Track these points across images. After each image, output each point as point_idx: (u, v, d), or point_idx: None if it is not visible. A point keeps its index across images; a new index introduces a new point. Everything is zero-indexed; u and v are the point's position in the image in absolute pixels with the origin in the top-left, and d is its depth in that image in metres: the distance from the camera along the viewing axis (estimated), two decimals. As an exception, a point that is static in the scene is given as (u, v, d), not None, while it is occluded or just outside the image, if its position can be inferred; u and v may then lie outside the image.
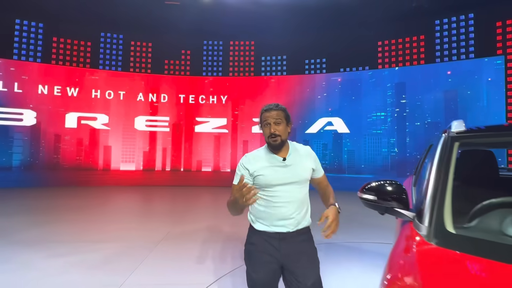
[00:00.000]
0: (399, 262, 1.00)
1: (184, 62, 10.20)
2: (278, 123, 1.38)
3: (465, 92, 7.94)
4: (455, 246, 0.90)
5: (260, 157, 1.43)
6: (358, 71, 9.19)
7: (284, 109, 1.43)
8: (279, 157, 1.41)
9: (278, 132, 1.37)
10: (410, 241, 1.08)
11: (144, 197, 7.66)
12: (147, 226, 4.50)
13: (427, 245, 0.95)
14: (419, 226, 1.10)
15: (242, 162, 1.45)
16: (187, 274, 2.81)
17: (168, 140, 10.01)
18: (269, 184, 1.38)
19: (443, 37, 8.25)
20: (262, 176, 1.38)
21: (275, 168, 1.39)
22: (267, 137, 1.40)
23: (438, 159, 1.32)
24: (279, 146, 1.39)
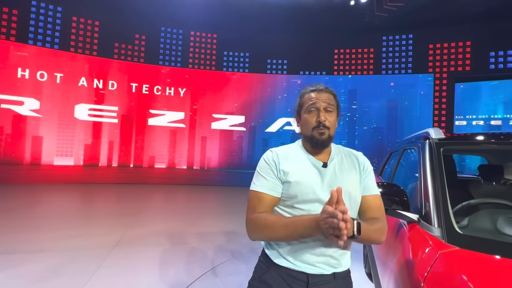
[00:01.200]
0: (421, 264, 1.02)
1: (138, 48, 9.27)
2: (330, 110, 0.99)
3: (404, 102, 9.11)
4: (477, 248, 0.97)
5: (293, 157, 1.02)
6: (316, 75, 9.70)
7: (336, 94, 1.05)
8: (317, 161, 1.00)
9: (328, 123, 0.97)
10: (425, 242, 1.13)
11: (85, 196, 6.71)
12: (93, 232, 3.93)
13: (448, 248, 1.00)
14: (429, 228, 1.16)
15: (268, 157, 1.02)
16: (152, 283, 2.54)
17: (116, 132, 8.99)
18: (301, 198, 0.95)
19: (388, 52, 9.30)
20: (292, 184, 0.95)
21: (313, 176, 0.97)
22: (311, 128, 0.98)
23: (430, 164, 1.43)
24: (325, 143, 0.99)
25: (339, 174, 0.99)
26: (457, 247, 0.98)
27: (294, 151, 1.04)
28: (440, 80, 8.82)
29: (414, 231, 1.25)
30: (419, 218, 1.27)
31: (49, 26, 8.40)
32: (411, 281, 1.01)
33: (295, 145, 1.08)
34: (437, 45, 8.82)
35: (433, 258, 0.98)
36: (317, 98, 1.00)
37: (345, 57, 9.57)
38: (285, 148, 1.06)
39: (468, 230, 1.23)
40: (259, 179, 1.00)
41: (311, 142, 1.00)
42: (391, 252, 1.50)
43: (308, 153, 1.03)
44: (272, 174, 0.99)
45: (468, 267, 0.89)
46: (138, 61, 9.27)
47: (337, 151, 1.07)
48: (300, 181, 0.95)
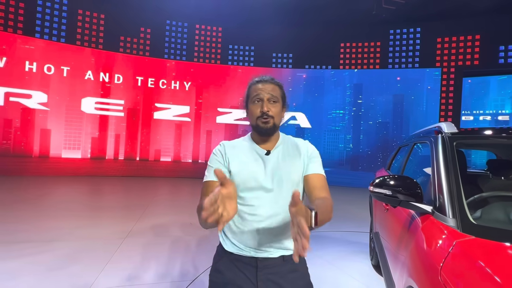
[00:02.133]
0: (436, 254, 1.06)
1: (143, 41, 9.27)
2: (274, 101, 1.02)
3: (410, 97, 9.03)
4: (495, 236, 1.00)
5: (241, 148, 1.07)
6: (321, 69, 9.64)
7: (281, 85, 1.08)
8: (262, 149, 1.05)
9: (271, 113, 1.01)
10: (440, 233, 1.16)
11: (92, 188, 6.84)
12: (103, 222, 4.02)
13: (464, 237, 1.03)
14: (444, 218, 1.19)
15: (216, 149, 1.08)
16: (163, 272, 2.62)
17: (123, 126, 9.07)
18: (244, 186, 0.99)
19: (395, 45, 9.18)
20: (235, 173, 1.00)
21: (255, 164, 1.02)
22: (255, 118, 1.02)
23: (444, 157, 1.45)
24: (270, 132, 1.02)
25: (282, 162, 1.03)
26: (473, 236, 1.00)
27: (242, 142, 1.10)
28: (447, 74, 8.72)
29: (428, 222, 1.28)
30: (433, 209, 1.30)
31: (55, 19, 8.42)
32: (428, 270, 1.04)
33: (245, 137, 1.13)
34: (445, 38, 8.69)
35: (449, 247, 1.00)
36: (262, 89, 1.03)
37: (351, 50, 9.48)
38: (234, 140, 1.12)
39: (481, 221, 1.25)
40: (209, 170, 1.04)
41: (257, 131, 1.04)
42: (403, 244, 1.54)
43: (255, 142, 1.08)
44: (218, 163, 1.04)
45: (485, 254, 0.91)
46: (144, 54, 9.28)
47: (284, 140, 1.11)
48: (242, 169, 1.01)
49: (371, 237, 3.24)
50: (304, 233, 0.62)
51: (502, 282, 0.76)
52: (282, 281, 0.98)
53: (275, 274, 0.98)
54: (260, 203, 0.99)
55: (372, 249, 3.10)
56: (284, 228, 0.99)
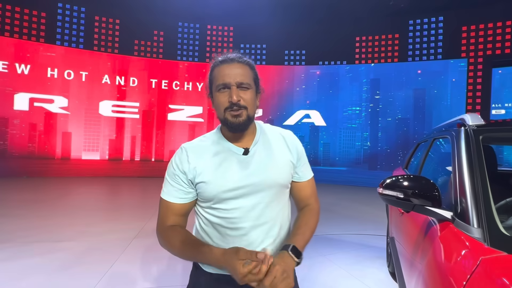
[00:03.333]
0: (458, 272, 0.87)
1: (156, 44, 9.43)
2: (245, 87, 0.82)
3: (432, 91, 8.48)
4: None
5: (206, 149, 0.86)
6: (336, 65, 9.31)
7: (252, 65, 0.87)
8: (238, 148, 0.86)
9: (243, 102, 0.81)
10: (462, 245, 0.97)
11: (110, 189, 7.04)
12: (116, 222, 4.07)
13: (493, 253, 0.82)
14: (467, 228, 0.99)
15: (175, 158, 0.88)
16: (168, 273, 2.56)
17: (138, 127, 9.29)
18: (220, 197, 0.81)
19: (416, 37, 8.66)
20: (207, 184, 0.82)
21: (231, 167, 0.83)
22: (222, 110, 0.82)
23: (467, 154, 1.23)
24: (243, 126, 0.82)
25: (265, 162, 0.85)
26: (504, 253, 0.80)
27: (209, 141, 0.88)
28: (474, 65, 8.08)
29: (447, 231, 1.07)
30: (454, 216, 1.08)
31: (74, 27, 8.77)
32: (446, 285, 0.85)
33: (213, 133, 0.91)
34: (471, 27, 8.06)
35: (473, 265, 0.80)
36: (227, 72, 0.81)
37: (367, 44, 9.07)
38: (198, 140, 0.91)
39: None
40: (166, 185, 0.88)
41: (227, 126, 0.84)
42: (419, 252, 1.34)
43: (227, 139, 0.87)
44: (178, 179, 0.85)
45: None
46: (157, 57, 9.44)
47: (263, 132, 0.91)
48: (215, 178, 0.81)
49: (388, 242, 3.00)
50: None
51: None
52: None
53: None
54: (241, 214, 0.82)
55: (389, 255, 2.87)
56: (269, 239, 0.84)
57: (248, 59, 0.87)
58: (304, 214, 0.93)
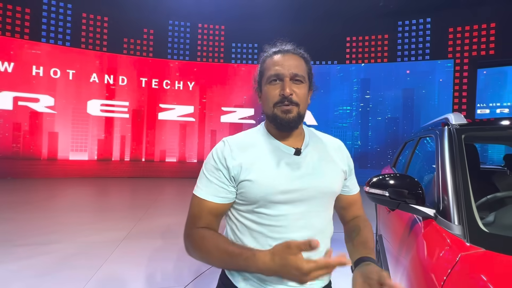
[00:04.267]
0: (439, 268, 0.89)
1: (146, 42, 9.28)
2: (299, 80, 0.76)
3: (421, 91, 8.66)
4: (507, 250, 0.81)
5: (252, 145, 0.78)
6: (327, 64, 9.39)
7: (308, 59, 0.82)
8: (288, 147, 0.78)
9: (296, 97, 0.74)
10: (443, 242, 0.99)
11: (99, 189, 6.89)
12: (105, 223, 3.99)
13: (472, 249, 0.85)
14: (448, 225, 1.02)
15: (217, 151, 0.78)
16: (157, 275, 2.52)
17: (128, 127, 9.12)
18: (264, 200, 0.72)
19: (404, 38, 8.82)
20: (253, 183, 0.72)
21: (282, 168, 0.74)
22: (272, 104, 0.76)
23: (449, 152, 1.27)
24: (292, 124, 0.75)
25: (318, 166, 0.77)
26: (482, 249, 0.83)
27: (255, 137, 0.80)
28: (460, 66, 8.30)
29: (430, 228, 1.10)
30: (436, 213, 1.12)
31: (60, 24, 8.53)
32: (427, 281, 0.88)
33: (258, 129, 0.83)
34: (457, 28, 8.27)
35: (452, 261, 0.83)
36: (281, 64, 0.75)
37: (358, 44, 9.18)
38: (243, 135, 0.82)
39: (495, 228, 1.07)
40: (202, 180, 0.77)
41: (275, 123, 0.76)
42: (404, 249, 1.37)
43: (274, 137, 0.79)
44: (220, 174, 0.75)
45: (495, 273, 0.74)
46: (147, 55, 9.29)
47: (312, 134, 0.86)
48: (263, 178, 0.72)
49: (376, 240, 3.05)
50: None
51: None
52: None
53: None
54: (288, 223, 0.72)
55: (378, 252, 2.92)
56: (319, 254, 0.72)
57: (304, 52, 0.81)
58: (365, 227, 0.87)
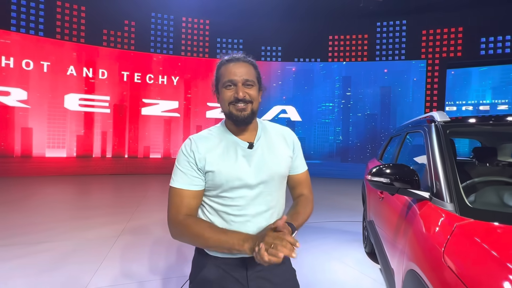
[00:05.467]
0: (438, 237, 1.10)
1: (128, 34, 8.96)
2: (250, 85, 0.90)
3: (397, 89, 9.22)
4: (492, 218, 1.04)
5: (213, 141, 0.93)
6: (310, 62, 9.66)
7: (256, 64, 0.95)
8: (243, 142, 0.93)
9: (249, 97, 0.89)
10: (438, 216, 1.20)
11: (80, 188, 6.64)
12: (95, 222, 3.93)
13: (464, 220, 1.06)
14: (442, 203, 1.23)
15: (185, 146, 0.93)
16: (161, 270, 2.59)
17: (109, 123, 8.81)
18: (226, 186, 0.89)
19: (382, 38, 9.30)
20: (215, 173, 0.88)
21: (237, 160, 0.90)
22: (227, 103, 0.90)
23: (438, 145, 1.49)
24: (246, 120, 0.90)
25: (267, 155, 0.94)
26: (472, 219, 1.03)
27: (216, 134, 0.95)
28: (432, 66, 8.94)
29: (426, 208, 1.30)
30: (431, 195, 1.32)
31: (32, 11, 7.98)
32: (430, 253, 1.06)
33: (218, 126, 0.99)
34: (430, 31, 8.88)
35: (450, 229, 1.03)
36: (234, 71, 0.89)
37: (340, 43, 9.53)
38: (206, 132, 0.97)
39: (477, 205, 1.30)
40: (177, 173, 0.91)
41: (232, 120, 0.91)
42: (401, 231, 1.58)
43: (232, 133, 0.94)
44: (190, 167, 0.90)
45: (487, 236, 0.94)
46: (129, 48, 8.98)
47: (264, 128, 1.00)
48: (223, 169, 0.88)
49: (364, 226, 3.33)
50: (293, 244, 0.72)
51: (499, 257, 0.80)
52: (271, 275, 0.93)
53: (264, 271, 0.93)
54: (245, 202, 0.89)
55: (366, 238, 3.19)
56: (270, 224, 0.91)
57: (252, 59, 0.95)
58: (300, 201, 1.02)
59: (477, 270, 0.82)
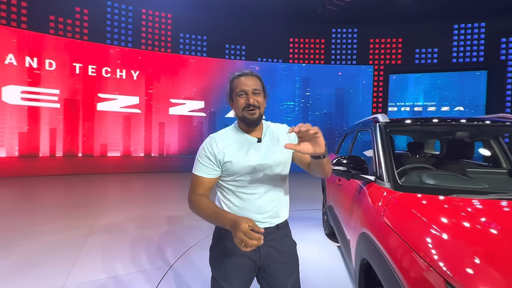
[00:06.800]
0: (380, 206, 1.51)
1: (80, 23, 8.25)
2: (257, 93, 1.14)
3: (349, 90, 10.21)
4: (415, 191, 1.49)
5: (229, 138, 1.17)
6: (273, 62, 10.10)
7: (261, 77, 1.21)
8: (252, 138, 1.17)
9: (257, 103, 1.12)
10: (380, 192, 1.62)
11: (27, 190, 6.02)
12: (55, 225, 3.73)
13: (396, 193, 1.51)
14: (382, 183, 1.67)
15: (206, 143, 1.17)
16: (133, 268, 2.68)
17: (59, 118, 8.04)
18: (241, 172, 1.13)
19: (337, 43, 10.18)
20: (232, 163, 1.13)
21: (249, 152, 1.15)
22: (241, 109, 1.13)
23: (381, 140, 1.95)
24: (256, 122, 1.14)
25: (271, 146, 1.18)
26: (401, 192, 1.49)
27: (231, 133, 1.20)
28: (378, 71, 10.11)
29: (372, 187, 1.74)
30: (376, 178, 1.76)
31: (-42, -12, 6.84)
32: (375, 218, 1.48)
33: (232, 127, 1.23)
34: (376, 40, 10.01)
35: (387, 200, 1.46)
36: (245, 82, 1.13)
37: (300, 46, 10.15)
38: (223, 132, 1.21)
39: (405, 183, 1.76)
40: (198, 164, 1.17)
41: (244, 122, 1.15)
42: (354, 207, 2.00)
43: (244, 132, 1.18)
44: (208, 160, 1.14)
45: (410, 202, 1.38)
46: (81, 38, 8.28)
47: (268, 126, 1.26)
48: (238, 159, 1.13)
49: (324, 211, 3.82)
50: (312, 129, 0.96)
51: (422, 216, 1.21)
52: (278, 245, 1.19)
53: (273, 240, 1.17)
54: (257, 183, 1.15)
55: (326, 221, 3.68)
56: (276, 200, 1.19)
57: (258, 74, 1.21)
58: None
59: (404, 223, 1.23)
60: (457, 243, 0.98)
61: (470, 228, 1.08)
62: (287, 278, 1.20)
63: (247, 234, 0.88)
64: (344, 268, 2.66)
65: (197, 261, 2.70)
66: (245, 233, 0.89)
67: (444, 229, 1.08)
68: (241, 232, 0.89)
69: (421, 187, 1.57)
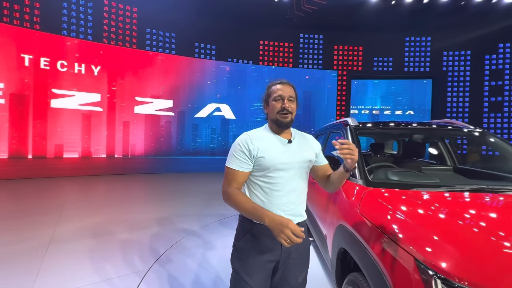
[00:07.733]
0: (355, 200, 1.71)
1: (29, 10, 7.41)
2: (292, 100, 1.28)
3: (316, 93, 10.72)
4: (383, 186, 1.72)
5: (263, 137, 1.28)
6: (243, 63, 10.17)
7: (295, 87, 1.36)
8: (283, 139, 1.29)
9: (291, 109, 1.26)
10: (354, 188, 1.81)
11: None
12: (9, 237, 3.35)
13: (368, 188, 1.73)
14: (355, 180, 1.88)
15: (241, 140, 1.26)
16: (104, 277, 2.56)
17: (4, 116, 7.13)
18: (272, 168, 1.22)
19: (305, 48, 10.62)
20: (265, 158, 1.21)
21: (281, 149, 1.26)
22: (276, 112, 1.26)
23: (352, 141, 2.15)
24: (288, 125, 1.27)
25: (299, 148, 1.32)
26: (372, 187, 1.72)
27: (264, 132, 1.32)
28: (341, 76, 10.79)
29: (346, 184, 1.94)
30: (350, 176, 1.94)
31: None
32: (351, 211, 1.67)
33: (263, 128, 1.36)
34: (340, 46, 10.67)
35: (361, 195, 1.68)
36: (282, 89, 1.29)
37: (269, 48, 10.37)
38: (256, 131, 1.34)
39: (374, 180, 1.98)
40: (232, 158, 1.25)
41: (277, 124, 1.28)
42: (330, 204, 2.17)
43: (275, 133, 1.31)
44: (243, 155, 1.23)
45: (380, 195, 1.60)
46: (31, 27, 7.44)
47: (295, 131, 1.41)
48: (272, 155, 1.23)
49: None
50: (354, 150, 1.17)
51: (389, 207, 1.42)
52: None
53: None
54: (284, 181, 1.24)
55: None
56: (299, 199, 1.30)
57: (293, 84, 1.36)
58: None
59: (377, 213, 1.43)
60: (422, 228, 1.19)
61: (430, 215, 1.30)
62: (298, 274, 1.30)
63: (295, 232, 1.00)
64: (317, 260, 2.83)
65: (172, 267, 2.64)
66: (294, 230, 1.00)
67: (411, 217, 1.29)
68: (289, 229, 1.00)
69: (388, 182, 1.81)
